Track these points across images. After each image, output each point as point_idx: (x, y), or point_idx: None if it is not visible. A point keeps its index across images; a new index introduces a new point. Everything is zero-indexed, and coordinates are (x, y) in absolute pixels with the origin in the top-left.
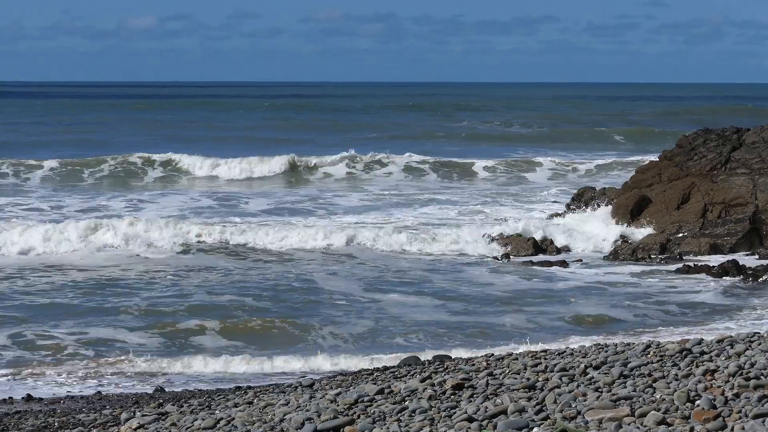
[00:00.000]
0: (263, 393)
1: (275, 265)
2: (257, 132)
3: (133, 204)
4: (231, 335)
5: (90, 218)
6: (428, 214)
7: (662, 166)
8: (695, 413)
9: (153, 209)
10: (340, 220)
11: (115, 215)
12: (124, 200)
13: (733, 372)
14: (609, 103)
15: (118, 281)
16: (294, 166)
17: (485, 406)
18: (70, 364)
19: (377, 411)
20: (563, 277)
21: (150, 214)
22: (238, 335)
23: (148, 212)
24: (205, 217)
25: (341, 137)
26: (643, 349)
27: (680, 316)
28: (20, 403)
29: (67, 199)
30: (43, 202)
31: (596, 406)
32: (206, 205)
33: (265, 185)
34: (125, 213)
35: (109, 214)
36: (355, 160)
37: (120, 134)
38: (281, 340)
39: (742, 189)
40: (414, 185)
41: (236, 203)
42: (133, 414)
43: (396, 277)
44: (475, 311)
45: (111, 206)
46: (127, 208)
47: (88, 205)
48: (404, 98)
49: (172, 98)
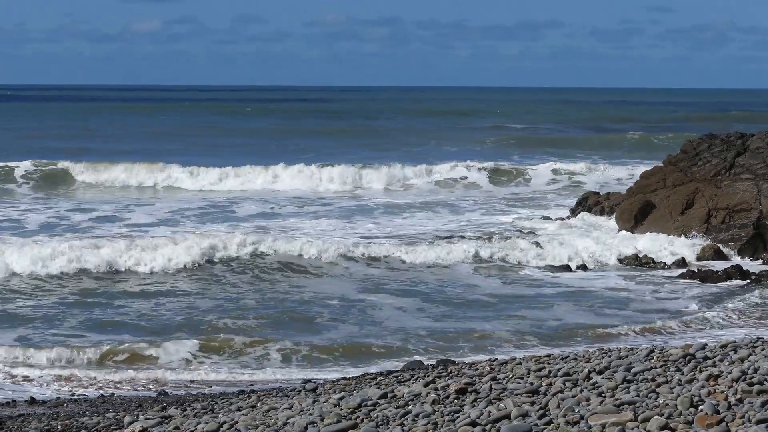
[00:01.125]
0: (267, 397)
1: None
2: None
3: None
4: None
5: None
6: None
7: (667, 171)
8: (698, 418)
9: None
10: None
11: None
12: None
13: (737, 377)
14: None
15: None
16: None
17: (488, 411)
18: (78, 367)
19: (380, 415)
20: (553, 282)
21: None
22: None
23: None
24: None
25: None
26: (646, 354)
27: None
28: (23, 406)
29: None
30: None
31: (599, 411)
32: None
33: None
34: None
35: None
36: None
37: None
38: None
39: (747, 194)
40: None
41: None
42: (136, 417)
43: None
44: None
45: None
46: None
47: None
48: (420, 102)
49: (220, 102)
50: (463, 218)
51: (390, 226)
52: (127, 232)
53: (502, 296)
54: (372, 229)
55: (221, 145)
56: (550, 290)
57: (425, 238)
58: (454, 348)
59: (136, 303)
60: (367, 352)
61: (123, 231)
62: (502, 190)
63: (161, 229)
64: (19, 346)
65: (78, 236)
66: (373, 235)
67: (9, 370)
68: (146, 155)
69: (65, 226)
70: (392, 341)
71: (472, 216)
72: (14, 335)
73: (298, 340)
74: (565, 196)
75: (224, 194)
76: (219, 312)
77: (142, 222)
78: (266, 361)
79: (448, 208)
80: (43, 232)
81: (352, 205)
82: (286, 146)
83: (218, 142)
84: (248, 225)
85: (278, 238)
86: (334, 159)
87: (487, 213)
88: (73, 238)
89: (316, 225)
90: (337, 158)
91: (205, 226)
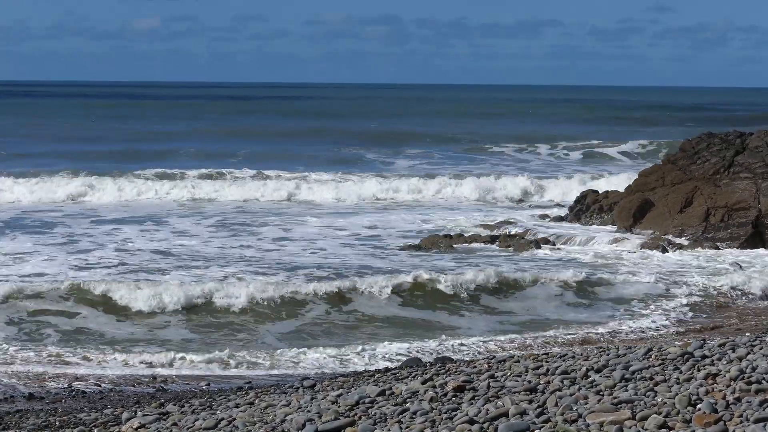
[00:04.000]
0: (265, 393)
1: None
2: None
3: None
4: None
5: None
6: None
7: (665, 169)
8: (696, 417)
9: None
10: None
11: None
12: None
13: (735, 376)
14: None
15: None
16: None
17: (486, 409)
18: (77, 361)
19: (378, 412)
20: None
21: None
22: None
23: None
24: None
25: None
26: (644, 353)
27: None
28: (22, 402)
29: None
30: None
31: (597, 409)
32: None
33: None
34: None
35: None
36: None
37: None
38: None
39: (745, 193)
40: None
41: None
42: (134, 413)
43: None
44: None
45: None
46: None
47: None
48: (429, 102)
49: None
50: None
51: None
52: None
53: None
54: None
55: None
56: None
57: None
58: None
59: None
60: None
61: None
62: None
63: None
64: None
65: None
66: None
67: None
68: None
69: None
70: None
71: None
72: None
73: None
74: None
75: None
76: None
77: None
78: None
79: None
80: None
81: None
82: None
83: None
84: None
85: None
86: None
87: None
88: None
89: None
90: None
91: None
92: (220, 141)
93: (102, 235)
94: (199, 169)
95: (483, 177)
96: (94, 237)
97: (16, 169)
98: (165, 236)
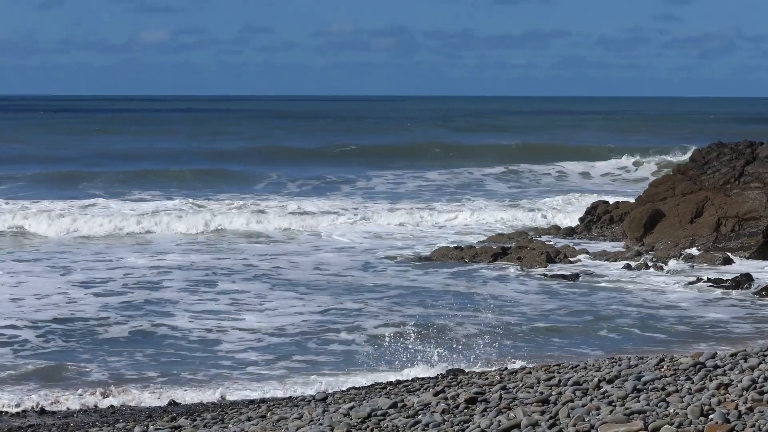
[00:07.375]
0: (276, 407)
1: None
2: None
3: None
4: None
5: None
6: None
7: (676, 180)
8: (709, 427)
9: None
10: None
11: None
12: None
13: (747, 386)
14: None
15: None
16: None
17: (498, 420)
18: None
19: (390, 425)
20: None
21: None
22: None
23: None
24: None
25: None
26: (656, 363)
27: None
28: (33, 417)
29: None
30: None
31: (609, 420)
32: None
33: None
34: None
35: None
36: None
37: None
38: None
39: (756, 203)
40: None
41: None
42: (146, 427)
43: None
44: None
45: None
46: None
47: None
48: (446, 112)
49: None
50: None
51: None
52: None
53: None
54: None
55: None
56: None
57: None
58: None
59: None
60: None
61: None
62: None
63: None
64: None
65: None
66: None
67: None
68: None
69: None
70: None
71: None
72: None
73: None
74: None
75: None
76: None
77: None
78: None
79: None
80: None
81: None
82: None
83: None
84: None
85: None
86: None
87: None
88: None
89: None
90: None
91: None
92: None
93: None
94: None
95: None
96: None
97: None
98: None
